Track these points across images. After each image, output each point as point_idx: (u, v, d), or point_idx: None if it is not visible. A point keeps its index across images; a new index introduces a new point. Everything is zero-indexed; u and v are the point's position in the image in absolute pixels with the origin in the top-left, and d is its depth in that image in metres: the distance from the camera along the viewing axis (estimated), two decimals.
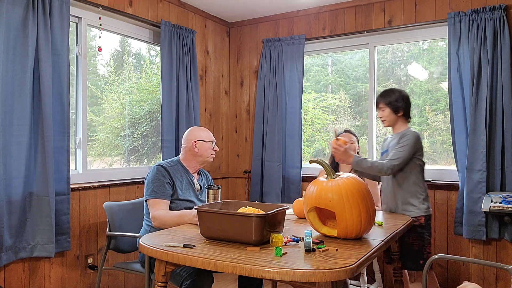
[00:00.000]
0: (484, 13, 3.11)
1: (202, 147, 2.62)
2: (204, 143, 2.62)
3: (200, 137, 2.63)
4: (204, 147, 2.62)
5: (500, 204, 2.73)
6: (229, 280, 3.74)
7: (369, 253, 1.70)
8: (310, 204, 1.95)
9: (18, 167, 2.50)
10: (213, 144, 2.67)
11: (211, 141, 2.66)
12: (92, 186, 3.02)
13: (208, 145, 2.64)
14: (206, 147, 2.63)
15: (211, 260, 1.61)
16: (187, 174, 2.60)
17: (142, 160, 3.68)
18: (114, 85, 3.47)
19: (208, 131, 2.71)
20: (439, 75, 3.60)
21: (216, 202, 2.16)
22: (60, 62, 2.72)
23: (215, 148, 2.68)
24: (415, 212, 2.53)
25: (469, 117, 3.15)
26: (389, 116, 2.63)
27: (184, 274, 2.17)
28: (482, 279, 3.21)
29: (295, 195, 3.90)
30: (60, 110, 2.72)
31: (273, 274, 1.50)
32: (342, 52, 4.06)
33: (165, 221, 2.33)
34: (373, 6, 3.69)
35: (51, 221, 2.59)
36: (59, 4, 2.70)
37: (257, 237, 1.78)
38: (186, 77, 3.67)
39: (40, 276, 2.72)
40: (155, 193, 2.41)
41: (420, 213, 2.52)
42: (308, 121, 4.24)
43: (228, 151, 4.50)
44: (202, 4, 3.92)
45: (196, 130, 2.68)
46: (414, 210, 2.53)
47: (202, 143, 2.62)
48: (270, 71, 4.08)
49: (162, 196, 2.41)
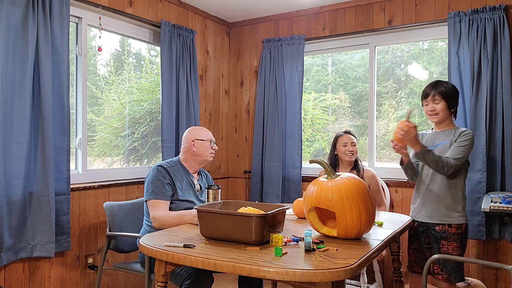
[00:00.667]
0: (484, 13, 3.11)
1: (201, 147, 2.61)
2: (202, 142, 2.61)
3: (198, 136, 2.62)
4: (202, 146, 2.61)
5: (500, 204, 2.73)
6: (229, 280, 3.74)
7: (369, 253, 1.70)
8: (310, 204, 1.95)
9: (18, 167, 2.50)
10: (211, 143, 2.65)
11: (209, 140, 2.64)
12: (92, 186, 3.02)
13: (207, 144, 2.62)
14: (204, 146, 2.62)
15: (211, 260, 1.61)
16: (187, 175, 2.60)
17: (142, 160, 3.68)
18: (114, 85, 3.47)
19: (206, 130, 2.70)
20: (439, 75, 3.60)
21: (216, 202, 2.16)
22: (60, 62, 2.72)
23: (214, 147, 2.66)
24: (459, 219, 2.41)
25: (469, 117, 3.15)
26: (444, 111, 2.43)
27: (184, 274, 2.17)
28: (482, 279, 3.21)
29: (295, 195, 3.90)
30: (60, 110, 2.72)
31: (273, 274, 1.50)
32: (342, 52, 4.06)
33: (165, 221, 2.33)
34: (373, 6, 3.69)
35: (51, 221, 2.59)
36: (59, 4, 2.70)
37: (257, 237, 1.78)
38: (186, 77, 3.67)
39: (40, 276, 2.72)
40: (155, 193, 2.41)
41: (463, 221, 2.42)
42: (308, 121, 4.24)
43: (228, 151, 4.49)
44: (202, 4, 3.92)
45: (194, 130, 2.68)
46: (459, 217, 2.41)
47: (201, 142, 2.61)
48: (270, 71, 4.08)
49: (162, 197, 2.42)
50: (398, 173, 3.60)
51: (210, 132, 2.70)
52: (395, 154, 3.71)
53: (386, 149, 3.86)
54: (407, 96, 3.76)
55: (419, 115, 3.70)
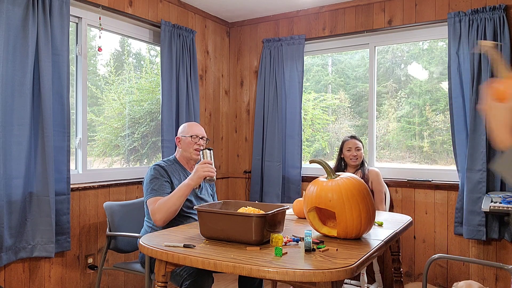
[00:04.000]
0: (484, 13, 3.11)
1: (184, 143, 2.56)
2: (185, 138, 2.55)
3: (181, 133, 2.58)
4: (185, 143, 2.55)
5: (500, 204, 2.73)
6: (229, 280, 3.74)
7: (369, 253, 1.70)
8: (310, 204, 1.95)
9: (18, 167, 2.50)
10: (193, 138, 2.53)
11: (191, 135, 2.53)
12: (92, 186, 3.02)
13: (189, 141, 2.54)
14: (187, 143, 2.55)
15: (211, 260, 1.61)
16: (184, 172, 2.58)
17: (142, 160, 3.68)
18: (114, 85, 3.47)
19: (193, 125, 2.61)
20: (439, 75, 3.60)
21: (216, 202, 2.16)
22: (60, 62, 2.72)
23: (198, 142, 2.54)
24: None
25: (469, 117, 3.15)
26: None
27: (184, 274, 2.17)
28: (482, 279, 3.20)
29: (295, 195, 3.90)
30: (60, 110, 2.72)
31: (273, 274, 1.50)
32: (342, 52, 4.06)
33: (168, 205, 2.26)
34: (373, 6, 3.69)
35: (51, 221, 2.59)
36: (59, 4, 2.70)
37: (257, 237, 1.78)
38: (186, 77, 3.67)
39: (40, 276, 2.72)
40: (155, 191, 2.39)
41: None
42: (308, 121, 4.24)
43: (228, 151, 4.49)
44: (202, 4, 3.92)
45: (182, 127, 2.63)
46: None
47: (184, 139, 2.56)
48: (270, 71, 4.08)
49: (162, 194, 2.38)
50: (398, 173, 3.60)
51: (196, 127, 2.59)
52: (395, 154, 3.73)
53: (386, 149, 3.86)
54: (407, 96, 3.76)
55: (419, 115, 3.71)
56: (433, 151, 3.69)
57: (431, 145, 3.68)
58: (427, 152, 3.68)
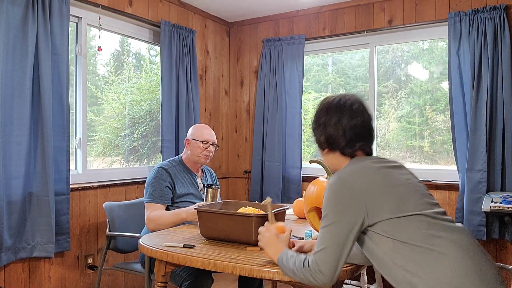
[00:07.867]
0: (485, 13, 3.11)
1: (193, 147, 2.55)
2: (195, 142, 2.55)
3: (192, 136, 2.57)
4: (194, 146, 2.54)
5: (501, 204, 2.73)
6: (229, 280, 3.74)
7: None
8: (310, 204, 1.95)
9: (18, 167, 2.50)
10: (204, 144, 2.54)
11: (202, 140, 2.54)
12: (92, 186, 3.01)
13: (198, 145, 2.53)
14: (196, 147, 2.54)
15: (211, 260, 1.61)
16: (189, 174, 2.57)
17: (142, 160, 3.68)
18: (114, 85, 3.46)
19: (204, 129, 2.61)
20: (440, 75, 3.60)
21: (216, 202, 2.16)
22: (60, 62, 2.71)
23: (208, 148, 2.55)
24: None
25: (470, 117, 3.15)
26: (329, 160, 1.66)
27: (183, 275, 2.17)
28: None
29: (295, 195, 3.90)
30: (60, 110, 2.72)
31: (273, 274, 1.50)
32: (342, 52, 4.06)
33: (161, 221, 2.29)
34: (373, 6, 3.69)
35: (51, 221, 2.59)
36: (59, 4, 2.70)
37: (257, 237, 1.78)
38: (186, 77, 3.67)
39: (40, 276, 2.72)
40: (152, 196, 2.40)
41: None
42: (308, 121, 4.24)
43: (228, 151, 4.49)
44: (202, 4, 3.91)
45: (192, 128, 2.63)
46: None
47: (193, 142, 2.55)
48: (270, 71, 4.08)
49: (159, 200, 2.39)
50: None
51: (207, 132, 2.60)
52: (395, 154, 3.72)
53: (386, 149, 3.86)
54: (407, 96, 3.76)
55: (419, 115, 3.70)
56: (433, 151, 3.68)
57: (432, 145, 3.68)
58: (427, 152, 3.68)
